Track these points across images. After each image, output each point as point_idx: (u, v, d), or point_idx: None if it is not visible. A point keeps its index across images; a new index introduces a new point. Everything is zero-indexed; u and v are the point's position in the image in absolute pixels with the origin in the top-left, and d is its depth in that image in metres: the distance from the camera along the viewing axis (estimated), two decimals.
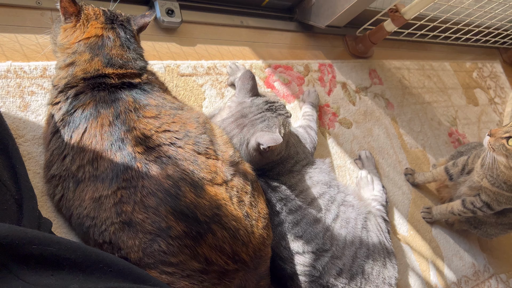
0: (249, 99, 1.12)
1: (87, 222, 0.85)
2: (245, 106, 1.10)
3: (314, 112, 1.47)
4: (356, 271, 1.09)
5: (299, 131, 1.36)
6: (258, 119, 1.08)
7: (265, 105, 1.11)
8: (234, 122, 1.09)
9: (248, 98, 1.12)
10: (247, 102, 1.11)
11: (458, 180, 1.53)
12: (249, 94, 1.12)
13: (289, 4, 1.70)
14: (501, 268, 1.82)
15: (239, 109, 1.11)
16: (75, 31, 0.93)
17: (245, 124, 1.08)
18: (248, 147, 1.05)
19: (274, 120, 1.09)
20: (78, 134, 0.86)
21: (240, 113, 1.10)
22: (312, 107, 1.46)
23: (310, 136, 1.36)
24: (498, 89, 2.47)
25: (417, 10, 1.57)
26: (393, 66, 1.96)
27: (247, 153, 1.06)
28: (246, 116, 1.09)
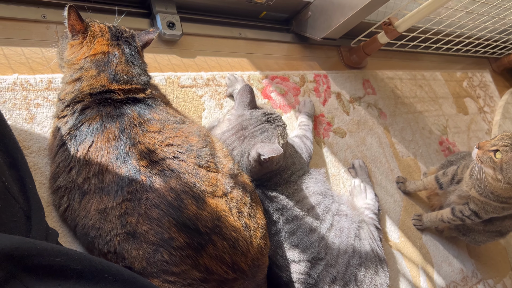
0: (248, 111, 1.16)
1: (92, 233, 0.88)
2: (245, 119, 1.14)
3: (310, 122, 1.51)
4: (350, 278, 1.14)
5: (295, 141, 1.40)
6: (257, 130, 1.12)
7: (264, 117, 1.15)
8: (234, 134, 1.13)
9: (247, 111, 1.16)
10: (246, 114, 1.15)
11: (448, 189, 1.59)
12: (248, 107, 1.16)
13: (286, 16, 1.74)
14: (489, 273, 1.88)
15: (239, 121, 1.15)
16: (82, 48, 0.97)
17: (245, 136, 1.12)
18: (249, 158, 1.09)
19: (273, 131, 1.13)
20: (84, 148, 0.89)
21: (240, 126, 1.14)
22: (308, 117, 1.51)
23: (306, 146, 1.40)
24: (487, 98, 2.53)
25: (410, 23, 1.62)
26: (386, 76, 2.01)
27: (248, 164, 1.10)
28: (246, 128, 1.13)
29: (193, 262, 0.86)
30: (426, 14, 1.54)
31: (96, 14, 1.25)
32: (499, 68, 2.73)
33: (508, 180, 1.25)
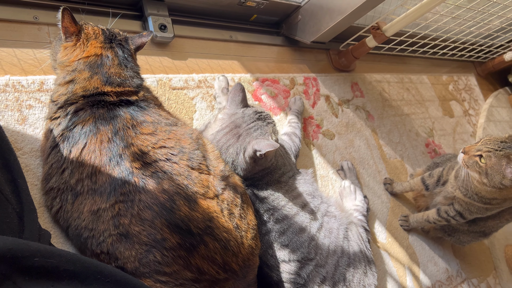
0: (240, 110, 1.18)
1: (85, 233, 0.89)
2: (238, 117, 1.16)
3: (299, 120, 1.54)
4: (338, 278, 1.16)
5: (284, 139, 1.42)
6: (251, 128, 1.15)
7: (255, 115, 1.18)
8: (229, 132, 1.15)
9: (240, 109, 1.18)
10: (239, 113, 1.17)
11: (434, 191, 1.62)
12: (240, 106, 1.19)
13: (276, 20, 1.77)
14: (473, 273, 1.92)
15: (232, 120, 1.17)
16: (75, 50, 0.97)
17: (240, 134, 1.14)
18: (245, 155, 1.11)
19: (265, 128, 1.16)
20: (77, 149, 0.90)
21: (234, 124, 1.16)
22: (297, 115, 1.54)
23: (294, 143, 1.43)
24: (472, 101, 2.59)
25: (398, 28, 1.65)
26: (374, 79, 2.04)
27: (244, 162, 1.12)
28: (240, 126, 1.15)
29: (185, 262, 0.87)
30: (413, 19, 1.58)
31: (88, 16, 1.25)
32: (484, 72, 2.79)
33: (493, 184, 1.28)
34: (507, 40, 2.50)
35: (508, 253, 2.06)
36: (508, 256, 2.05)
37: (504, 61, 2.63)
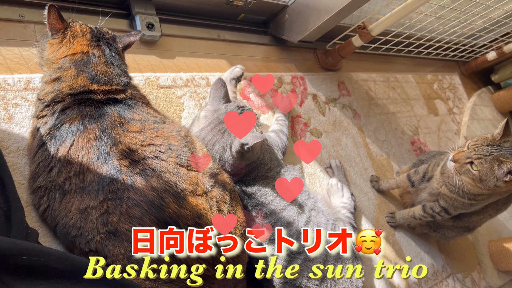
0: (223, 105, 1.19)
1: (73, 232, 0.89)
2: (221, 113, 1.17)
3: (287, 117, 1.55)
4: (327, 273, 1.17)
5: (271, 136, 1.43)
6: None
7: (238, 109, 1.19)
8: (213, 129, 1.16)
9: (222, 105, 1.19)
10: (221, 109, 1.18)
11: (419, 187, 1.65)
12: (223, 101, 1.20)
13: (264, 19, 1.78)
14: (458, 268, 1.96)
15: (216, 116, 1.17)
16: (61, 47, 0.97)
17: (225, 129, 1.15)
18: (232, 150, 1.12)
19: None
20: (65, 148, 0.90)
21: (218, 120, 1.17)
22: (284, 113, 1.55)
23: (282, 140, 1.44)
24: (456, 100, 2.63)
25: (383, 27, 1.68)
26: (360, 78, 2.07)
27: (231, 157, 1.13)
28: (223, 121, 1.16)
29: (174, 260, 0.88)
30: (398, 18, 1.60)
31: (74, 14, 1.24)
32: (467, 71, 2.84)
33: (487, 187, 1.30)
34: (489, 40, 2.55)
35: (492, 248, 2.10)
36: (492, 251, 2.09)
37: (487, 60, 2.68)
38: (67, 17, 0.98)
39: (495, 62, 2.72)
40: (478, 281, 2.03)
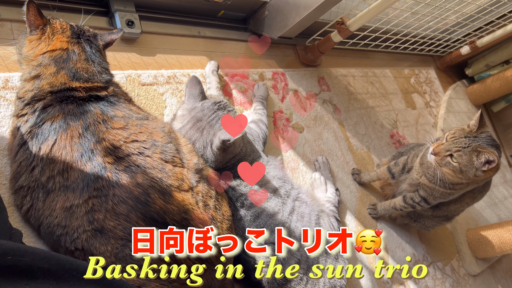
0: (199, 103, 1.19)
1: (58, 231, 0.88)
2: (198, 111, 1.18)
3: (265, 106, 1.56)
4: (312, 262, 1.19)
5: (252, 127, 1.44)
6: (213, 119, 1.16)
7: (215, 105, 1.20)
8: (192, 127, 1.16)
9: (198, 103, 1.19)
10: (198, 106, 1.19)
11: (400, 178, 1.69)
12: (199, 99, 1.20)
13: (244, 16, 1.78)
14: (438, 257, 2.01)
15: (193, 114, 1.18)
16: (40, 43, 0.96)
17: (203, 127, 1.15)
18: (213, 147, 1.13)
19: None
20: (47, 146, 0.89)
21: (195, 118, 1.17)
22: (262, 101, 1.56)
23: (262, 130, 1.45)
24: (433, 93, 2.70)
25: (361, 23, 1.71)
26: (340, 74, 2.10)
27: (212, 154, 1.13)
28: (202, 119, 1.16)
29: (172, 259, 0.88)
30: (375, 14, 1.64)
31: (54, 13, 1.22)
32: (442, 66, 2.91)
33: (467, 177, 1.35)
34: (463, 34, 2.62)
35: (470, 237, 2.17)
36: (470, 239, 2.16)
37: (461, 54, 2.76)
38: (47, 14, 0.97)
39: (468, 56, 2.80)
40: (458, 269, 2.09)
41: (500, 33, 2.49)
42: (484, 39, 2.58)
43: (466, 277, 2.11)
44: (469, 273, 2.14)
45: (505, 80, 2.61)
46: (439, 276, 1.95)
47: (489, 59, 2.80)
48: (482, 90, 2.79)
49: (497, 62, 2.79)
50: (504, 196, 2.68)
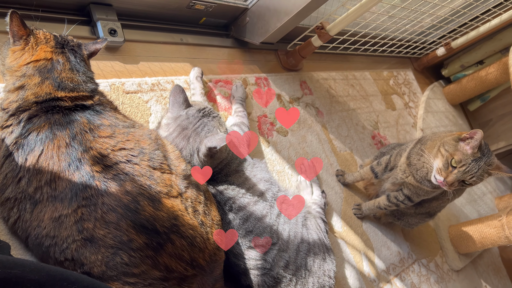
0: (183, 111, 1.20)
1: (46, 242, 0.87)
2: (183, 119, 1.18)
3: (244, 107, 1.58)
4: (300, 263, 1.21)
5: (235, 130, 1.45)
6: (199, 127, 1.17)
7: (199, 113, 1.20)
8: (178, 136, 1.17)
9: (183, 111, 1.20)
10: (182, 115, 1.19)
11: (382, 177, 1.73)
12: (183, 107, 1.21)
13: (225, 22, 1.80)
14: (422, 254, 2.06)
15: (178, 123, 1.18)
16: (24, 54, 0.95)
17: (189, 136, 1.16)
18: (200, 155, 1.13)
19: (212, 123, 1.19)
20: (34, 157, 0.88)
21: (180, 127, 1.18)
22: (242, 103, 1.57)
23: (244, 132, 1.47)
24: (411, 94, 2.77)
25: (340, 27, 1.75)
26: (321, 77, 2.13)
27: (199, 161, 1.14)
28: (187, 128, 1.17)
29: (153, 262, 0.88)
30: (354, 18, 1.68)
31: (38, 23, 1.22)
32: (420, 67, 2.99)
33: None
34: (438, 36, 2.70)
35: (452, 233, 2.22)
36: (452, 235, 2.22)
37: (437, 56, 2.83)
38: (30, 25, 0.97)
39: (444, 57, 2.88)
40: (441, 265, 2.14)
41: (473, 35, 2.58)
42: (459, 40, 2.66)
43: (449, 272, 2.16)
44: (453, 269, 2.19)
45: (479, 80, 2.70)
46: (424, 273, 1.99)
47: (464, 59, 2.89)
48: (458, 90, 2.87)
49: (472, 63, 2.88)
50: (483, 192, 2.75)
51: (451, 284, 2.12)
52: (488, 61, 2.83)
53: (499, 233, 1.99)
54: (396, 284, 1.81)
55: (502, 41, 2.72)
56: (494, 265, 2.59)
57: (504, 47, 2.74)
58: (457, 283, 2.16)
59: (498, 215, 2.05)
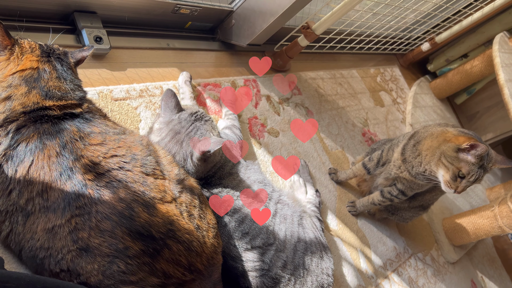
0: (175, 116, 1.19)
1: (41, 254, 0.85)
2: (175, 124, 1.18)
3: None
4: (298, 263, 1.21)
5: (227, 133, 1.44)
6: (191, 131, 1.17)
7: (192, 116, 1.20)
8: (170, 141, 1.16)
9: (175, 115, 1.19)
10: (175, 119, 1.18)
11: (375, 173, 1.74)
12: (175, 111, 1.20)
13: (211, 26, 1.80)
14: (418, 248, 2.07)
15: (170, 127, 1.17)
16: (9, 64, 0.94)
17: (182, 140, 1.15)
18: (193, 159, 1.13)
19: (205, 127, 1.19)
20: (24, 168, 0.87)
21: (173, 131, 1.17)
22: (232, 106, 1.57)
23: (236, 135, 1.46)
24: (399, 90, 2.79)
25: (326, 26, 1.76)
26: (309, 77, 2.14)
27: (193, 165, 1.13)
28: (180, 132, 1.16)
29: (150, 268, 0.87)
30: (338, 16, 1.69)
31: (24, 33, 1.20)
32: (406, 63, 3.02)
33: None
34: (422, 32, 2.73)
35: (446, 226, 2.24)
36: (446, 228, 2.23)
37: (422, 51, 2.87)
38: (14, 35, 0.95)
39: (429, 52, 2.91)
40: (437, 258, 2.16)
41: (456, 29, 2.61)
42: (443, 35, 2.69)
43: (446, 265, 2.18)
44: (448, 261, 2.21)
45: (465, 73, 2.73)
46: (421, 267, 2.01)
47: (449, 54, 2.93)
48: (445, 84, 2.90)
49: (456, 57, 2.92)
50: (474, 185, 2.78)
51: (448, 277, 2.13)
52: (472, 54, 2.87)
53: (492, 223, 2.01)
54: (393, 279, 1.81)
55: (485, 34, 2.76)
56: (488, 256, 2.61)
57: (487, 40, 2.78)
58: (453, 275, 2.18)
59: (490, 206, 2.07)
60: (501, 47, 2.29)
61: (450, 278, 2.14)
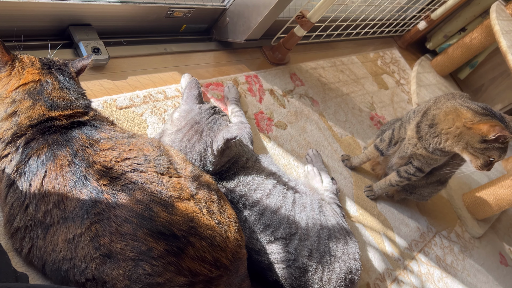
0: (196, 106, 1.20)
1: (64, 265, 0.84)
2: (195, 113, 1.18)
3: (240, 107, 1.57)
4: (324, 250, 1.18)
5: None
6: (211, 122, 1.17)
7: (211, 109, 1.20)
8: (190, 130, 1.16)
9: (196, 105, 1.20)
10: (195, 109, 1.18)
11: (388, 153, 1.71)
12: (197, 101, 1.21)
13: (206, 26, 1.79)
14: (441, 226, 2.03)
15: (191, 116, 1.17)
16: (11, 80, 0.93)
17: (202, 130, 1.15)
18: (213, 148, 1.12)
19: (222, 120, 1.19)
20: (37, 181, 0.86)
21: (193, 120, 1.17)
22: (237, 103, 1.57)
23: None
24: (401, 71, 2.76)
25: (321, 12, 1.74)
26: (310, 67, 2.12)
27: (212, 155, 1.13)
28: (200, 122, 1.16)
29: (176, 268, 0.85)
30: (332, 1, 1.67)
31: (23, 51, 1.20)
32: (404, 44, 2.99)
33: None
34: (417, 10, 2.71)
35: (466, 201, 2.20)
36: (467, 203, 2.20)
37: (419, 30, 2.84)
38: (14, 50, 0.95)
39: (426, 30, 2.89)
40: (462, 234, 2.12)
41: (451, 3, 2.59)
42: (438, 11, 2.67)
43: (471, 240, 2.14)
44: (474, 236, 2.17)
45: (465, 46, 2.70)
46: (447, 244, 1.97)
47: (446, 29, 2.90)
48: (446, 61, 2.87)
49: (454, 31, 2.89)
50: None
51: (476, 252, 2.09)
52: (470, 27, 2.84)
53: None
54: (421, 259, 1.78)
55: (480, 4, 2.73)
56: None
57: (483, 11, 2.75)
58: (481, 249, 2.14)
59: (509, 175, 2.04)
60: (499, 15, 2.26)
61: (478, 253, 2.10)
